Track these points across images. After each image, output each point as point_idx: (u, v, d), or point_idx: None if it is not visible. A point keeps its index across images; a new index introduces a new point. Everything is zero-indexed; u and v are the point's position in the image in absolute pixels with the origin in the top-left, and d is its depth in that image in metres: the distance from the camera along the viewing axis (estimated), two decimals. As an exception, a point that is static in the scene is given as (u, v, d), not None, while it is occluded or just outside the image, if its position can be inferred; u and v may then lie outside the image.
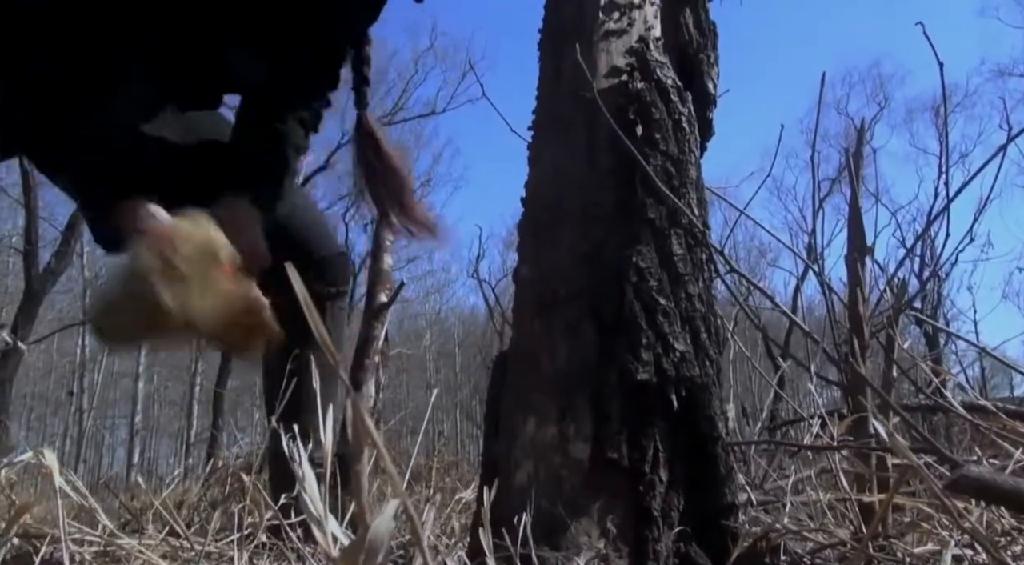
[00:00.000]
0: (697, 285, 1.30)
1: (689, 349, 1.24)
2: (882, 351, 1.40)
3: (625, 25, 1.46)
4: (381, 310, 3.76)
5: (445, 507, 2.10)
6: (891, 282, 1.56)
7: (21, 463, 0.96)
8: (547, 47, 1.55)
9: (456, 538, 1.63)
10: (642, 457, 1.16)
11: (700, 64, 1.52)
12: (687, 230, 1.33)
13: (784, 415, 5.57)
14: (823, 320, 1.90)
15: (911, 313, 1.86)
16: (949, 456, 1.00)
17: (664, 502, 1.15)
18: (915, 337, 14.02)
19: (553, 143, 1.43)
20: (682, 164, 1.37)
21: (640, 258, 1.26)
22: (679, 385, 1.21)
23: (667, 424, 1.20)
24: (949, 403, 1.32)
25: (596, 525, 1.13)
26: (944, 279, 16.80)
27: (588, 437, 1.18)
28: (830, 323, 1.61)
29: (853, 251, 1.42)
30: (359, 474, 0.42)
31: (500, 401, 1.33)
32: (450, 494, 2.53)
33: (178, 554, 1.13)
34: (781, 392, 2.47)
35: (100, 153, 1.12)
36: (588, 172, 1.35)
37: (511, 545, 0.98)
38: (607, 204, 1.32)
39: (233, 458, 4.46)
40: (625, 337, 1.22)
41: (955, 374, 4.62)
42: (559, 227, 1.33)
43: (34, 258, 8.32)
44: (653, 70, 1.41)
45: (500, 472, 1.22)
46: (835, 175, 16.16)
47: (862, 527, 1.18)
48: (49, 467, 0.71)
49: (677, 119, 1.39)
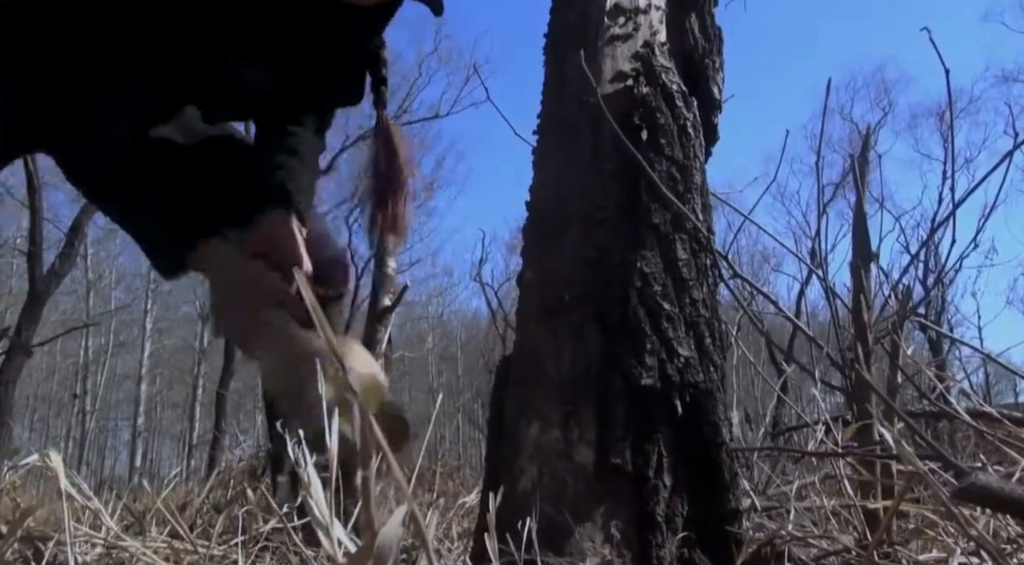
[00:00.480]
0: (701, 290, 1.30)
1: (693, 354, 1.24)
2: (886, 357, 1.40)
3: (630, 30, 1.47)
4: (385, 313, 3.76)
5: (448, 511, 2.10)
6: (896, 288, 1.55)
7: (27, 466, 0.96)
8: (552, 51, 1.55)
9: (458, 543, 1.63)
10: (646, 462, 1.16)
11: (705, 69, 1.52)
12: (692, 235, 1.33)
13: (786, 421, 5.56)
14: (826, 326, 1.89)
15: (915, 319, 1.86)
16: (956, 464, 0.99)
17: (668, 507, 1.15)
18: (919, 343, 14.00)
19: (558, 147, 1.43)
20: (687, 169, 1.37)
21: (644, 263, 1.26)
22: (683, 390, 1.21)
23: (671, 429, 1.19)
24: (954, 410, 1.31)
25: (600, 530, 1.13)
26: (948, 285, 16.77)
27: (592, 442, 1.18)
28: (834, 329, 1.61)
29: (857, 257, 1.41)
30: (367, 480, 0.42)
31: (504, 405, 1.33)
32: (452, 498, 2.53)
33: (180, 557, 1.13)
34: (784, 397, 2.46)
35: (101, 153, 1.12)
36: (593, 177, 1.35)
37: (515, 550, 0.98)
38: (612, 209, 1.32)
39: (236, 461, 4.46)
40: (629, 342, 1.22)
41: (959, 380, 4.61)
42: (564, 231, 1.33)
43: (38, 260, 8.33)
44: (658, 75, 1.41)
45: (504, 477, 1.22)
46: (839, 180, 16.15)
47: (867, 534, 1.17)
48: (55, 470, 0.71)
49: (682, 124, 1.39)
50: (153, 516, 1.77)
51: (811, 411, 3.36)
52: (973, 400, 2.10)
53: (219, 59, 1.20)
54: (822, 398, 1.77)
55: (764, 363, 11.90)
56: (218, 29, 1.15)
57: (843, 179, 15.74)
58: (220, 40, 1.18)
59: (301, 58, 1.25)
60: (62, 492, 0.74)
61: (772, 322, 14.05)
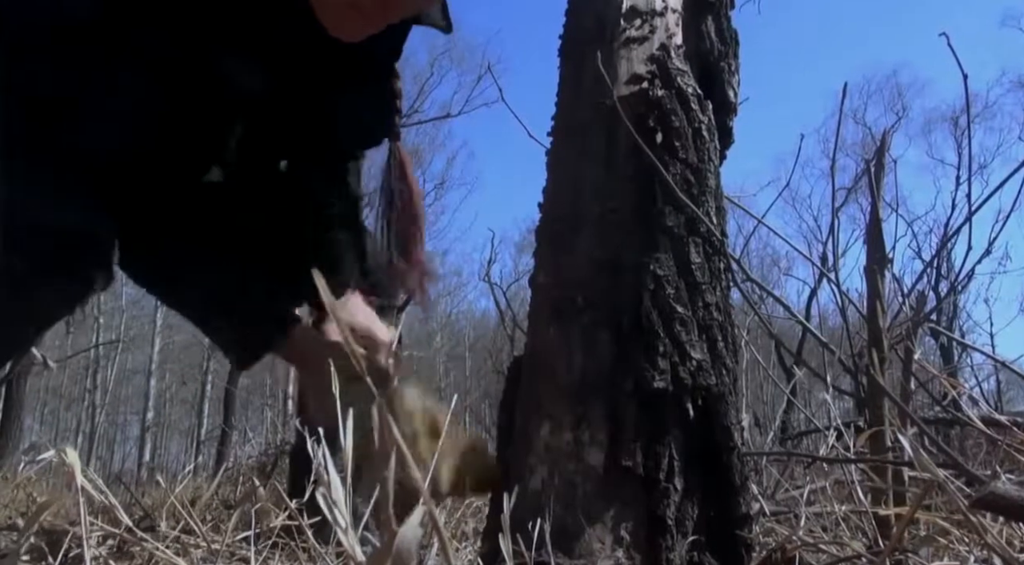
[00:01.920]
0: (715, 294, 1.30)
1: (706, 358, 1.24)
2: (898, 363, 1.40)
3: (646, 32, 1.46)
4: (396, 313, 3.77)
5: (456, 511, 2.10)
6: (909, 295, 1.55)
7: (44, 462, 0.97)
8: (568, 53, 1.55)
9: (468, 542, 1.63)
10: (657, 465, 1.16)
11: (721, 72, 1.52)
12: (705, 238, 1.32)
13: (796, 425, 5.54)
14: (835, 330, 1.89)
15: (928, 325, 1.85)
16: (970, 471, 0.99)
17: (678, 511, 1.15)
18: (930, 349, 13.91)
19: (572, 149, 1.43)
20: (701, 172, 1.37)
21: (658, 266, 1.26)
22: (695, 394, 1.21)
23: (682, 433, 1.19)
24: (968, 417, 1.31)
25: (610, 532, 1.13)
26: (961, 291, 16.66)
27: (603, 444, 1.18)
28: (846, 333, 1.60)
29: (872, 262, 1.41)
30: (385, 480, 0.42)
31: (514, 406, 1.33)
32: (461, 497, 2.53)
33: (189, 551, 1.13)
34: (795, 401, 2.46)
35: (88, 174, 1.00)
36: (607, 179, 1.35)
37: (525, 550, 0.98)
38: (625, 211, 1.32)
39: (245, 457, 4.48)
40: (642, 345, 1.21)
41: (971, 387, 4.58)
42: (577, 234, 1.33)
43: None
44: (674, 78, 1.40)
45: (514, 478, 1.22)
46: (851, 184, 16.08)
47: (878, 540, 1.17)
48: (71, 465, 0.71)
49: (697, 127, 1.39)
50: (164, 511, 1.78)
51: (820, 416, 3.35)
52: (983, 407, 2.10)
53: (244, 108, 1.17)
54: (832, 403, 1.76)
55: (773, 366, 11.86)
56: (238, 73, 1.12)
57: (856, 183, 15.67)
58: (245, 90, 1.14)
59: (320, 95, 1.23)
60: (78, 488, 0.75)
61: (782, 326, 13.99)
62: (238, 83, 1.10)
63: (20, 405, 10.17)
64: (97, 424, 22.83)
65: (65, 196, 0.96)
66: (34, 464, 2.56)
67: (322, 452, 0.55)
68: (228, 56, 1.07)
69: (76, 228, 0.96)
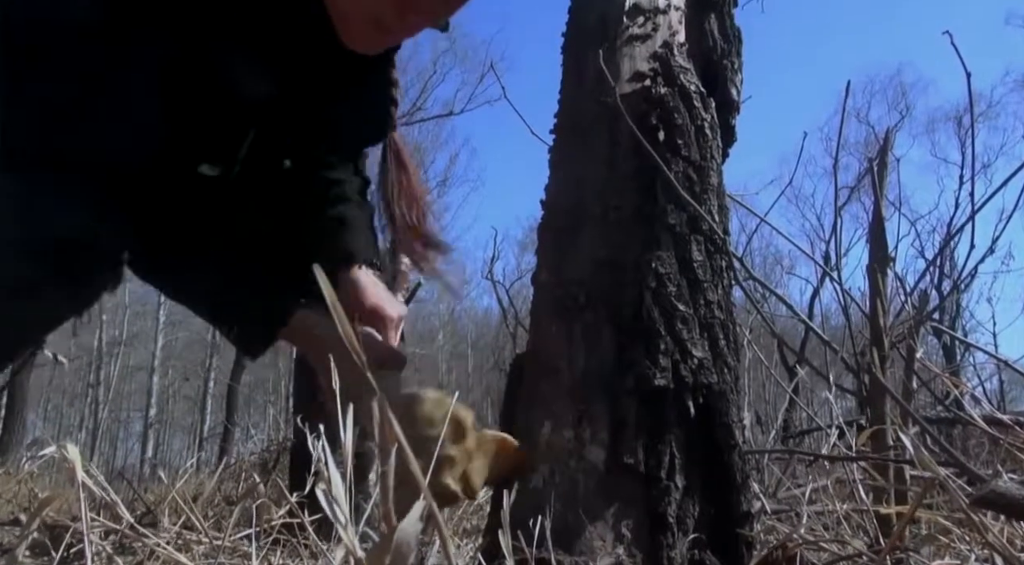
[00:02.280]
0: (716, 292, 1.30)
1: (707, 356, 1.24)
2: (900, 362, 1.39)
3: (649, 30, 1.46)
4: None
5: (457, 508, 2.10)
6: (912, 294, 1.55)
7: (45, 457, 0.97)
8: (570, 51, 1.55)
9: (469, 539, 1.63)
10: (658, 463, 1.16)
11: (724, 70, 1.52)
12: (707, 236, 1.32)
13: (798, 423, 5.53)
14: (838, 329, 1.89)
15: (931, 324, 1.85)
16: (972, 470, 0.99)
17: (679, 509, 1.15)
18: (932, 348, 13.89)
19: (575, 147, 1.43)
20: (704, 170, 1.36)
21: (660, 263, 1.26)
22: (696, 392, 1.21)
23: (684, 431, 1.19)
24: (970, 416, 1.30)
25: (611, 530, 1.13)
26: (964, 290, 16.63)
27: (604, 442, 1.18)
28: (848, 332, 1.60)
29: (874, 261, 1.41)
30: (385, 475, 0.42)
31: (516, 404, 1.33)
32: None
33: (191, 546, 1.14)
34: (797, 399, 2.45)
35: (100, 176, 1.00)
36: (609, 177, 1.35)
37: (526, 547, 0.98)
38: (627, 209, 1.31)
39: (247, 454, 4.49)
40: (643, 342, 1.21)
41: (973, 387, 4.57)
42: (579, 231, 1.33)
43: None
44: (676, 75, 1.40)
45: (515, 475, 1.22)
46: (854, 183, 16.06)
47: (879, 538, 1.17)
48: (72, 461, 0.72)
49: (700, 125, 1.39)
50: (166, 507, 1.78)
51: (822, 415, 3.35)
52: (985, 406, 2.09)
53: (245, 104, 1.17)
54: (834, 402, 1.76)
55: (776, 365, 11.85)
56: (242, 72, 1.12)
57: (859, 182, 15.65)
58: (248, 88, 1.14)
59: (327, 98, 1.23)
60: (79, 483, 0.75)
61: (784, 325, 13.98)
62: (249, 87, 1.10)
63: (23, 401, 10.21)
64: (100, 420, 22.89)
65: (74, 199, 0.95)
66: (36, 460, 2.57)
67: (322, 446, 0.55)
68: (239, 60, 1.07)
69: (85, 231, 0.96)
